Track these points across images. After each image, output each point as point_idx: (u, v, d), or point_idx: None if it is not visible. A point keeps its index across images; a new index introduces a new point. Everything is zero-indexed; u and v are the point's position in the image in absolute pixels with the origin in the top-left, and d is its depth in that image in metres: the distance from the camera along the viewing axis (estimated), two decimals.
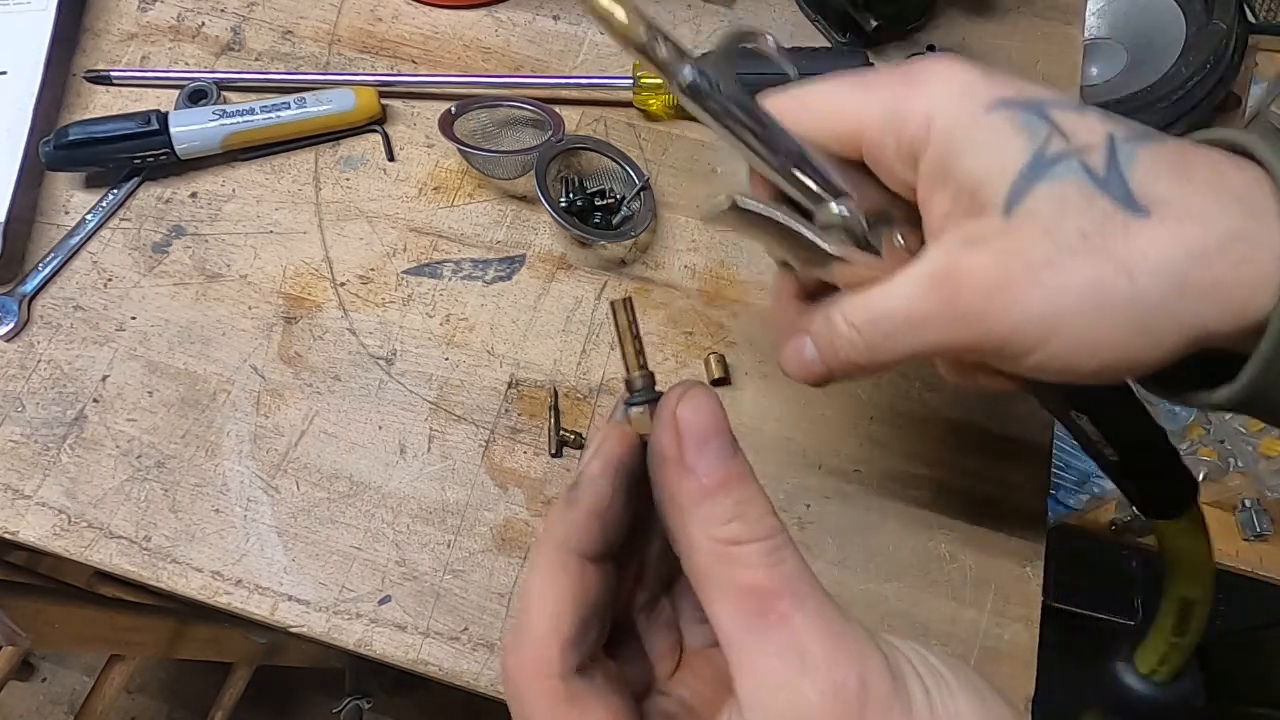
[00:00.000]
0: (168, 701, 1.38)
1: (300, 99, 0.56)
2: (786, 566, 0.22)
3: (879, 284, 0.31)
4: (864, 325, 0.32)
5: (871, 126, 0.30)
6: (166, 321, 0.53)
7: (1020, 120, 0.28)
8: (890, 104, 0.30)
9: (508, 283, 0.55)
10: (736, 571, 0.22)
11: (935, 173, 0.29)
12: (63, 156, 0.54)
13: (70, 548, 0.48)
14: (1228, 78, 0.93)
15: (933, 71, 0.30)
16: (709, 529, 0.23)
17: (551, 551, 0.24)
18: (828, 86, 0.32)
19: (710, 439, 0.24)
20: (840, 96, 0.31)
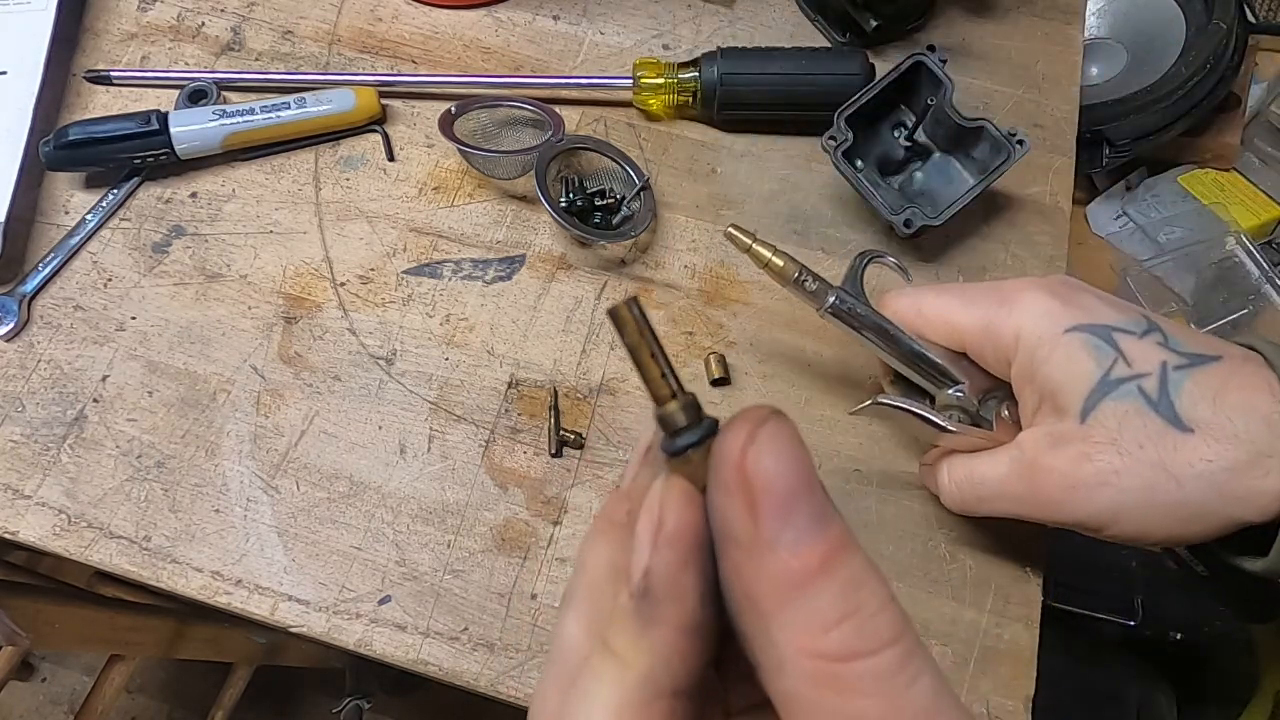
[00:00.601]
0: (168, 701, 1.38)
1: (300, 99, 0.56)
2: (921, 685, 0.16)
3: (983, 453, 0.40)
4: (963, 484, 0.40)
5: (973, 334, 0.39)
6: (166, 321, 0.53)
7: (1091, 344, 0.36)
8: (987, 319, 0.38)
9: (508, 283, 0.55)
10: (849, 701, 0.16)
11: (1023, 375, 0.38)
12: (63, 156, 0.54)
13: (70, 548, 0.48)
14: (1228, 78, 0.93)
15: (1021, 295, 0.38)
16: (807, 639, 0.16)
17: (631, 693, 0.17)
18: (939, 300, 0.40)
19: (799, 498, 0.16)
20: (948, 309, 0.39)
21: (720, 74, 0.56)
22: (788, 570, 0.16)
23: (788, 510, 0.16)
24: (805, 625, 0.16)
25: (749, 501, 0.16)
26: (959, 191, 0.54)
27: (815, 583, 0.16)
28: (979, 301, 0.39)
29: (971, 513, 0.41)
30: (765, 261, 0.40)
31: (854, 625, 0.16)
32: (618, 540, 0.19)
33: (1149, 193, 1.06)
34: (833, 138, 0.54)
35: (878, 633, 0.16)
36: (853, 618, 0.16)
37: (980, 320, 0.38)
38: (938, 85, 0.54)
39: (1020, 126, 0.54)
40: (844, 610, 0.16)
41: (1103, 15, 1.03)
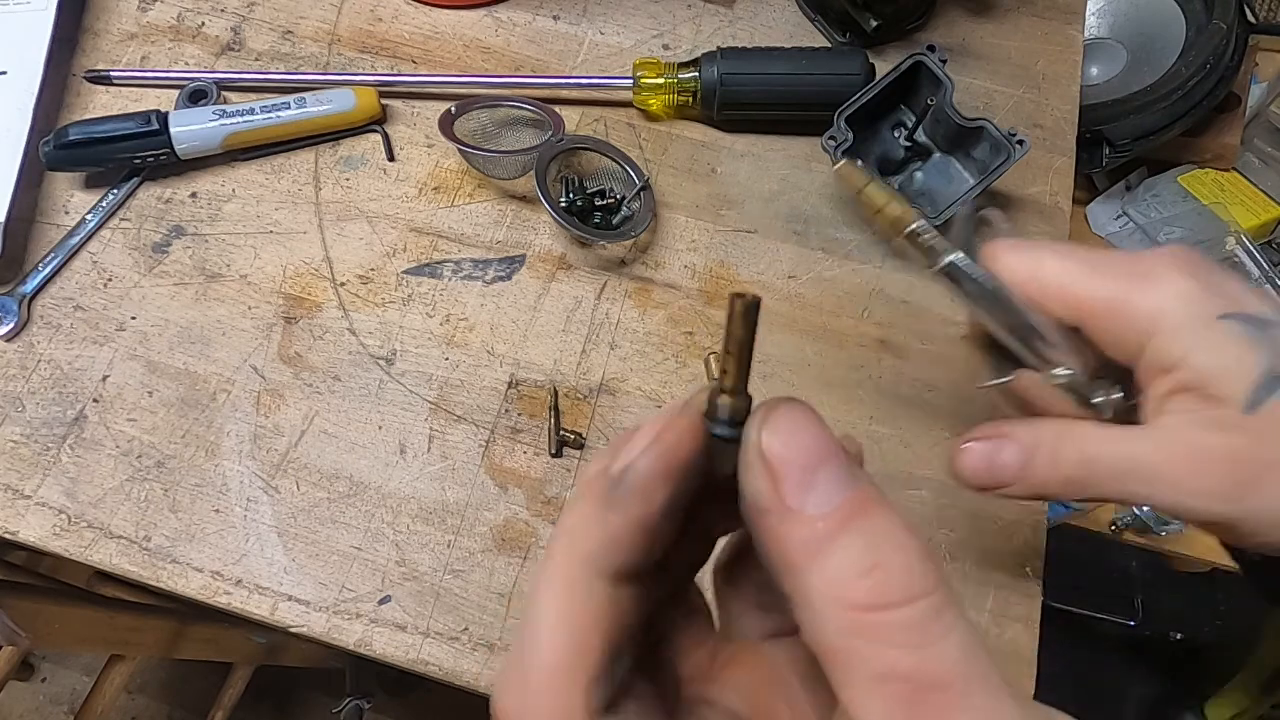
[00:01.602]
0: (168, 701, 1.38)
1: (300, 99, 0.56)
2: (952, 640, 0.16)
3: (1101, 431, 0.34)
4: (1087, 459, 0.34)
5: (1097, 309, 0.34)
6: (166, 321, 0.53)
7: (1250, 335, 0.32)
8: (1120, 294, 0.33)
9: (508, 283, 0.55)
10: (881, 651, 0.16)
11: (1161, 359, 0.33)
12: (63, 156, 0.54)
13: (70, 548, 0.48)
14: (1228, 78, 0.93)
15: (1161, 271, 0.33)
16: (838, 588, 0.17)
17: (576, 568, 0.19)
18: (1061, 265, 0.34)
19: (817, 468, 0.18)
20: (1072, 277, 0.34)
21: (720, 74, 0.56)
22: (813, 529, 0.17)
23: (808, 480, 0.18)
24: (835, 576, 0.17)
25: (771, 478, 0.18)
26: (959, 191, 0.54)
27: (841, 537, 0.17)
28: (1108, 273, 0.34)
29: (1073, 495, 0.35)
30: (878, 208, 0.34)
31: (883, 575, 0.17)
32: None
33: (1149, 193, 1.06)
34: (833, 138, 0.54)
35: (909, 584, 0.17)
36: (881, 569, 0.17)
37: (1109, 294, 0.33)
38: (938, 85, 0.54)
39: (1020, 126, 0.54)
40: (872, 561, 0.17)
41: (1103, 15, 1.03)
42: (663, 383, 0.53)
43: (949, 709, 0.16)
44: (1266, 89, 1.06)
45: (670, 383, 0.53)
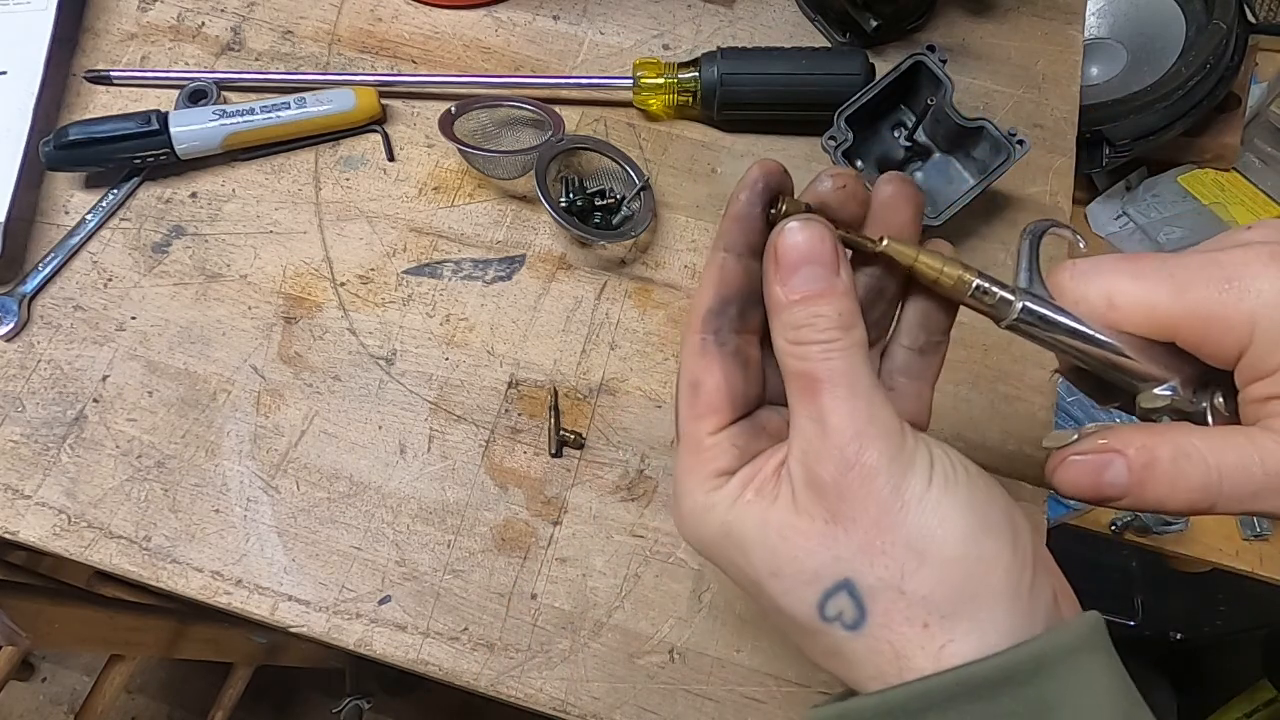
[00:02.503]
0: (168, 701, 1.38)
1: (300, 99, 0.56)
2: (833, 362, 0.28)
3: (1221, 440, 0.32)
4: (1210, 482, 0.31)
5: (1188, 325, 0.31)
6: (166, 321, 0.53)
7: None
8: (1208, 306, 0.31)
9: (508, 283, 0.55)
10: (795, 360, 0.29)
11: (1260, 366, 0.31)
12: (63, 156, 0.54)
13: (70, 548, 0.48)
14: (1228, 78, 0.93)
15: (1254, 271, 0.31)
16: (784, 330, 0.29)
17: (713, 248, 0.31)
18: (1138, 287, 0.32)
19: (800, 267, 0.29)
20: (1152, 299, 0.32)
21: (720, 74, 0.56)
22: (784, 298, 0.29)
23: (791, 270, 0.29)
24: (785, 324, 0.29)
25: (775, 260, 0.29)
26: (959, 191, 0.54)
27: (794, 307, 0.29)
28: (1193, 285, 0.31)
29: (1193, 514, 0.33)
30: (934, 278, 0.33)
31: (809, 330, 0.29)
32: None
33: (1149, 193, 1.06)
34: (833, 138, 0.54)
35: (819, 336, 0.28)
36: (809, 327, 0.29)
37: (1197, 308, 0.31)
38: (938, 85, 0.54)
39: (1020, 126, 0.54)
40: (805, 322, 0.29)
41: (1103, 15, 1.03)
42: (663, 383, 0.53)
43: (823, 391, 0.28)
44: (1266, 89, 1.06)
45: (670, 382, 0.52)
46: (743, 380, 0.31)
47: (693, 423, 0.31)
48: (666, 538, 0.49)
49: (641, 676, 0.47)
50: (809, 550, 0.27)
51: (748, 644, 0.47)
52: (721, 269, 0.31)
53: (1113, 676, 0.27)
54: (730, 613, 0.48)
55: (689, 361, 0.31)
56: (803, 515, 0.28)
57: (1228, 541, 1.01)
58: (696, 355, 0.31)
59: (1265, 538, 1.01)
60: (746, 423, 0.31)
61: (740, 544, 0.29)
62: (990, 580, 0.26)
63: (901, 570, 0.26)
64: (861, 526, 0.27)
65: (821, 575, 0.27)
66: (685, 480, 0.31)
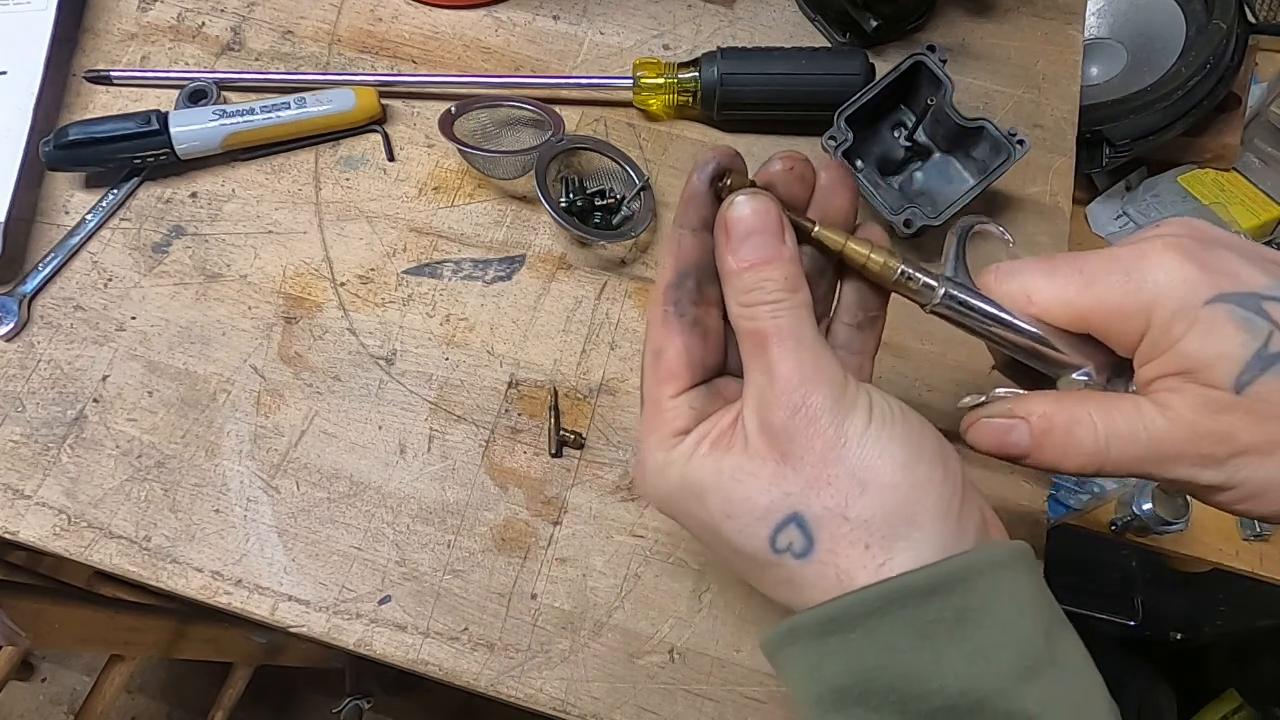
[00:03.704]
0: (168, 701, 1.38)
1: (300, 99, 0.56)
2: (780, 320, 0.31)
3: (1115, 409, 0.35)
4: (1099, 448, 0.35)
5: (1097, 317, 0.35)
6: (166, 321, 0.53)
7: (1239, 315, 0.33)
8: (1113, 299, 0.34)
9: (508, 283, 0.55)
10: (747, 322, 0.31)
11: (1154, 350, 0.34)
12: (63, 156, 0.54)
13: (70, 548, 0.48)
14: (1228, 78, 0.93)
15: (1149, 262, 0.34)
16: (736, 295, 0.32)
17: (670, 229, 0.34)
18: (1051, 284, 0.35)
19: (749, 236, 0.32)
20: (1065, 293, 0.35)
21: (720, 74, 0.56)
22: (734, 266, 0.32)
23: (741, 240, 0.32)
24: (735, 289, 0.32)
25: (725, 231, 0.32)
26: (959, 191, 0.54)
27: (743, 274, 0.32)
28: (1100, 278, 0.35)
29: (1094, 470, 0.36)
30: (862, 262, 0.35)
31: (757, 293, 0.31)
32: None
33: (1149, 193, 1.06)
34: (833, 138, 0.54)
35: (767, 298, 0.31)
36: (757, 290, 0.31)
37: (1103, 300, 0.34)
38: (938, 85, 0.54)
39: (1020, 126, 0.54)
40: (754, 286, 0.31)
41: (1103, 15, 1.03)
42: None
43: (771, 345, 0.31)
44: (1266, 89, 1.06)
45: None
46: (701, 348, 0.34)
47: (655, 387, 0.33)
48: (666, 538, 0.49)
49: (641, 676, 0.47)
50: (760, 489, 0.30)
51: (748, 644, 0.47)
52: (679, 244, 0.34)
53: (1035, 591, 0.30)
54: (730, 613, 0.48)
55: (652, 331, 0.34)
56: (754, 459, 0.30)
57: (1228, 541, 1.01)
58: (658, 325, 0.33)
59: (1265, 538, 1.01)
60: (705, 388, 0.34)
61: (697, 492, 0.32)
62: (925, 502, 0.29)
63: (845, 499, 0.29)
64: (808, 463, 0.29)
65: (772, 511, 0.30)
66: (647, 441, 0.33)
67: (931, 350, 0.54)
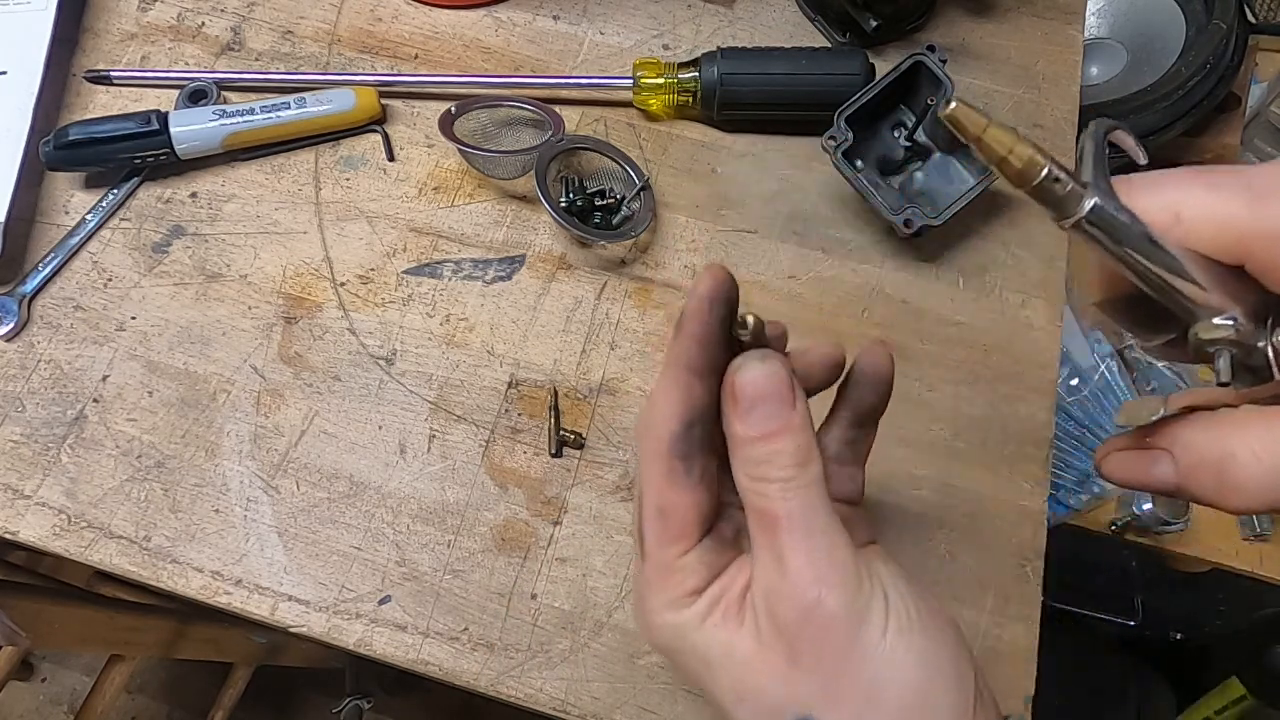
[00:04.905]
0: (168, 701, 1.38)
1: (300, 99, 0.56)
2: (791, 502, 0.29)
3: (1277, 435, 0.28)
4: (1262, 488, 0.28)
5: (1263, 246, 0.28)
6: (166, 321, 0.53)
7: None
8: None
9: (508, 283, 0.55)
10: (755, 497, 0.29)
11: None
12: (63, 156, 0.54)
13: (70, 548, 0.48)
14: (1228, 78, 0.93)
15: None
16: (744, 466, 0.30)
17: (670, 368, 0.31)
18: (1213, 196, 0.28)
19: (758, 404, 0.29)
20: (1226, 212, 0.28)
21: (720, 74, 0.56)
22: (744, 434, 0.29)
23: (750, 408, 0.29)
24: (745, 459, 0.29)
25: (732, 397, 0.30)
26: (959, 191, 0.54)
27: (754, 444, 0.29)
28: (1273, 196, 0.27)
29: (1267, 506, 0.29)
30: (1003, 155, 0.28)
31: (768, 467, 0.29)
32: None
33: None
34: (833, 138, 0.54)
35: (779, 474, 0.29)
36: (768, 464, 0.29)
37: (1275, 224, 0.27)
38: (938, 85, 0.54)
39: (1020, 126, 0.54)
40: (765, 459, 0.29)
41: (1103, 15, 1.03)
42: None
43: (782, 532, 0.28)
44: (1266, 89, 1.06)
45: None
46: (709, 501, 0.31)
47: (661, 548, 0.31)
48: None
49: (641, 676, 0.47)
50: (772, 684, 0.29)
51: None
52: (688, 390, 0.31)
53: None
54: None
55: (657, 486, 0.31)
56: (766, 650, 0.29)
57: (1228, 541, 1.02)
58: (664, 482, 0.31)
59: (1265, 538, 1.01)
60: (711, 538, 0.32)
61: (707, 663, 0.30)
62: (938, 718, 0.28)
63: (857, 714, 0.28)
64: (820, 672, 0.28)
65: (782, 710, 0.28)
66: (653, 599, 0.31)
67: (931, 350, 0.54)
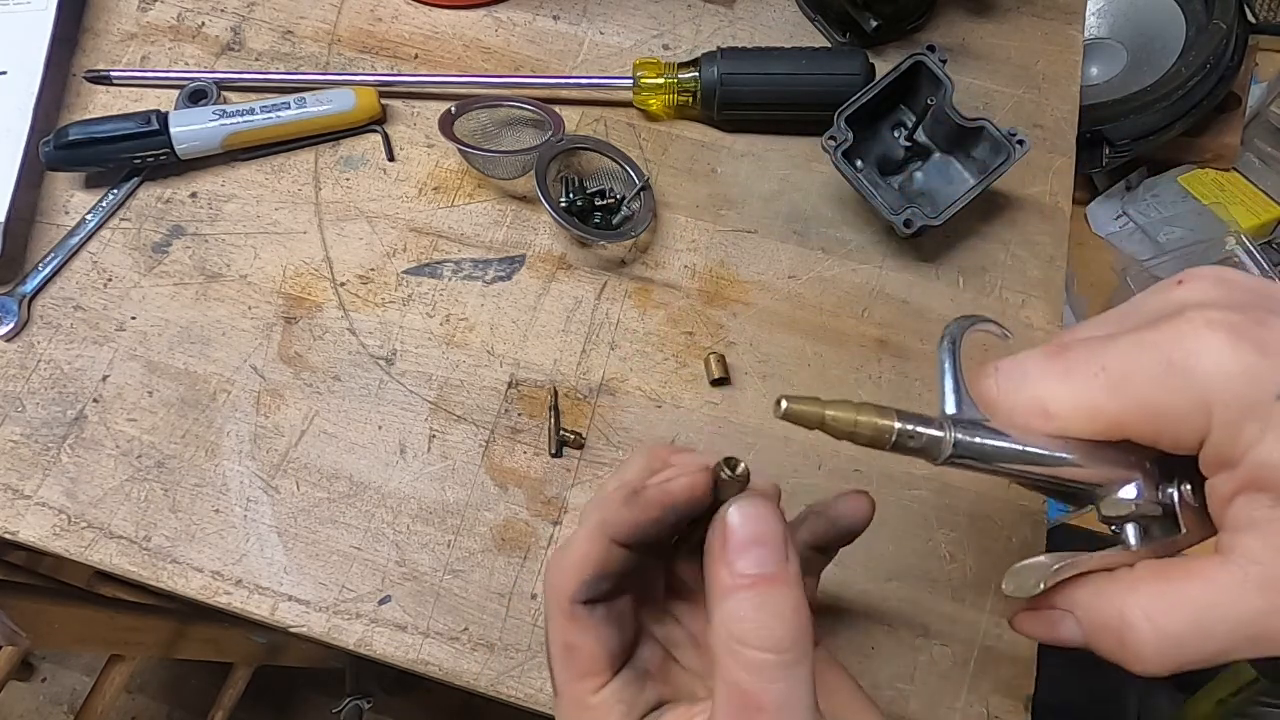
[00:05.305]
0: (168, 701, 1.38)
1: (300, 99, 0.56)
2: (779, 687, 0.25)
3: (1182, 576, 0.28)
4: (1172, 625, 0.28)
5: (1136, 424, 0.28)
6: (166, 321, 0.53)
7: None
8: (1156, 398, 0.27)
9: (508, 283, 0.55)
10: (735, 667, 0.25)
11: (1220, 458, 0.27)
12: (63, 156, 0.54)
13: (70, 548, 0.48)
14: (1228, 78, 0.93)
15: (1194, 348, 0.26)
16: (726, 621, 0.26)
17: (596, 525, 0.30)
18: (1070, 391, 0.28)
19: (752, 548, 0.27)
20: (1089, 397, 0.28)
21: (720, 74, 0.56)
22: (731, 580, 0.26)
23: (743, 550, 0.26)
24: (728, 612, 0.26)
25: (723, 536, 0.27)
26: (959, 191, 0.54)
27: (740, 593, 0.26)
28: (1130, 377, 0.27)
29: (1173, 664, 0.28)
30: (850, 431, 0.30)
31: (754, 627, 0.25)
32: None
33: (1149, 193, 1.06)
34: (833, 138, 0.54)
35: (766, 640, 0.25)
36: (755, 625, 0.25)
37: (1142, 402, 0.27)
38: (938, 85, 0.54)
39: (1020, 126, 0.54)
40: (752, 618, 0.25)
41: (1103, 15, 1.03)
42: (663, 383, 0.53)
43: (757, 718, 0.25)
44: (1266, 89, 1.06)
45: (670, 382, 0.53)
46: (619, 637, 0.30)
47: (572, 685, 0.30)
48: None
49: None
50: None
51: None
52: (607, 553, 0.29)
53: None
54: None
55: (558, 624, 0.30)
56: None
57: None
58: (565, 620, 0.30)
59: None
60: (628, 672, 0.30)
61: None
62: None
63: None
64: None
65: None
66: None
67: (931, 350, 0.54)
